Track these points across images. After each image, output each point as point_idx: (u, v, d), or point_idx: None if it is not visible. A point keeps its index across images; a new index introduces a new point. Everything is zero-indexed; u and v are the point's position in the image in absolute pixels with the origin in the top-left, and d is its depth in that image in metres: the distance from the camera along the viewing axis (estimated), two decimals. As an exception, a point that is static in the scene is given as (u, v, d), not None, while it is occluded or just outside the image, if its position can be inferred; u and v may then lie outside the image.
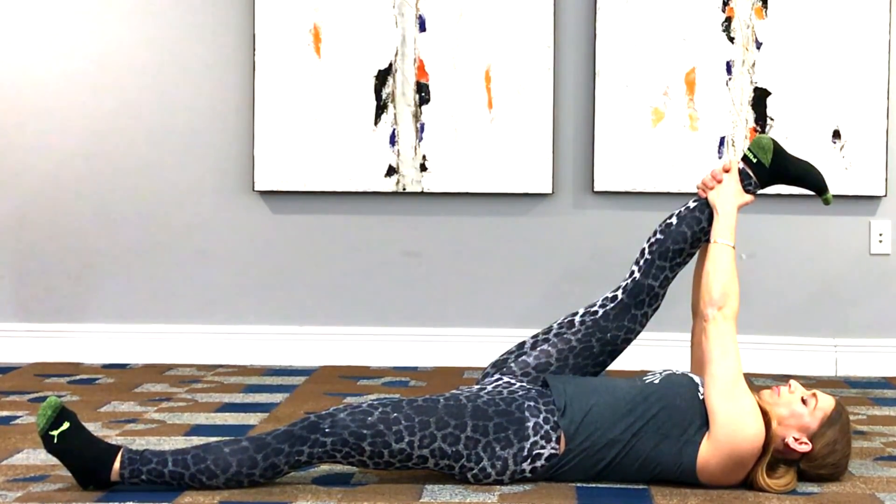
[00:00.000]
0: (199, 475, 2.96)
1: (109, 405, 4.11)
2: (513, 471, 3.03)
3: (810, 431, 3.04)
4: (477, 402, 3.06)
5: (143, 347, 5.06)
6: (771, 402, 3.06)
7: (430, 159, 4.95)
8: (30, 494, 2.95)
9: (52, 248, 5.10)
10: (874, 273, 4.95)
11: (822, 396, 3.08)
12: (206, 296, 5.08)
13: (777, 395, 3.07)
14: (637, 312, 3.27)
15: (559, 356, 3.26)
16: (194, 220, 5.08)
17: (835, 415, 3.05)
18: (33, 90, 5.08)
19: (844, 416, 3.08)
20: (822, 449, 3.05)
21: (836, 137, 4.87)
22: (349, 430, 2.98)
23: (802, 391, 3.09)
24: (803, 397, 3.07)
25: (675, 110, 4.89)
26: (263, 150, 4.98)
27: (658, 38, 4.90)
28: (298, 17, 4.96)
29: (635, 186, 4.92)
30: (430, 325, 5.05)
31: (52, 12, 5.06)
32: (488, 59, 4.93)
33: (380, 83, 4.96)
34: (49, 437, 2.93)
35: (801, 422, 3.03)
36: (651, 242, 3.31)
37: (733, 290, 3.15)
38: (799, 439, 3.03)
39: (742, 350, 3.22)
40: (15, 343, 5.08)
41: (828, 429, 3.04)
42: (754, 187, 3.32)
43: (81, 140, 5.08)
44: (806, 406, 3.05)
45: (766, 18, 4.87)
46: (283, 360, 5.04)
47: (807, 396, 3.07)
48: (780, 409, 3.04)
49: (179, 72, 5.05)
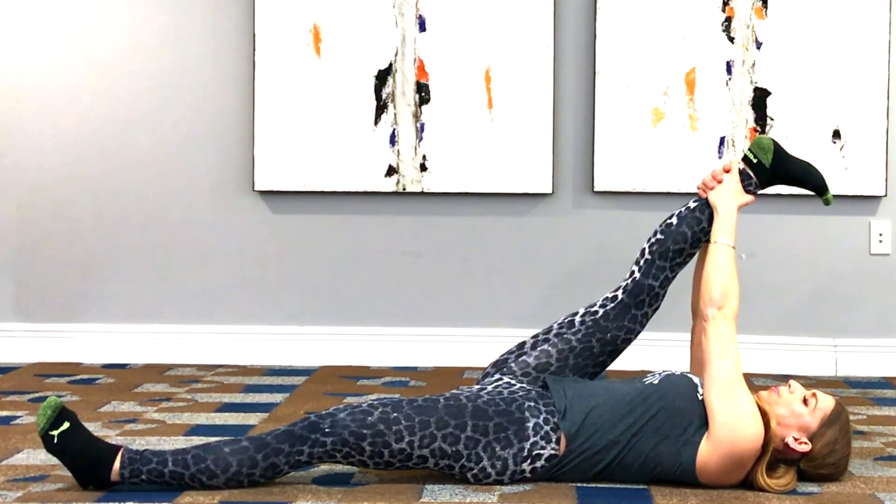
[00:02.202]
0: (199, 475, 2.96)
1: (109, 405, 4.11)
2: (513, 471, 3.04)
3: (810, 431, 3.04)
4: (477, 402, 3.06)
5: (143, 347, 5.06)
6: (770, 402, 3.06)
7: (430, 159, 4.95)
8: (30, 494, 2.95)
9: (52, 248, 5.10)
10: (874, 273, 4.95)
11: (821, 396, 3.08)
12: (206, 296, 5.08)
13: (777, 395, 3.07)
14: (637, 312, 3.28)
15: (559, 356, 3.26)
16: (194, 220, 5.08)
17: (834, 414, 3.05)
18: (33, 91, 5.08)
19: (844, 416, 3.08)
20: (823, 449, 3.05)
21: (836, 137, 4.87)
22: (349, 429, 2.98)
23: (802, 391, 3.09)
24: (804, 397, 3.07)
25: (675, 110, 4.89)
26: (263, 150, 4.98)
27: (658, 38, 4.90)
28: (298, 17, 4.96)
29: (635, 186, 4.92)
30: (430, 325, 5.05)
31: (53, 13, 5.06)
32: (488, 59, 4.93)
33: (380, 83, 4.96)
34: (49, 437, 2.93)
35: (800, 421, 3.04)
36: (651, 242, 3.31)
37: (733, 290, 3.15)
38: (799, 439, 3.03)
39: (742, 350, 3.22)
40: (15, 343, 5.08)
41: (828, 428, 3.04)
42: (754, 187, 3.32)
43: (81, 140, 5.08)
44: (806, 406, 3.05)
45: (766, 18, 4.87)
46: (283, 360, 5.04)
47: (807, 396, 3.07)
48: (780, 409, 3.04)
49: (179, 72, 5.05)
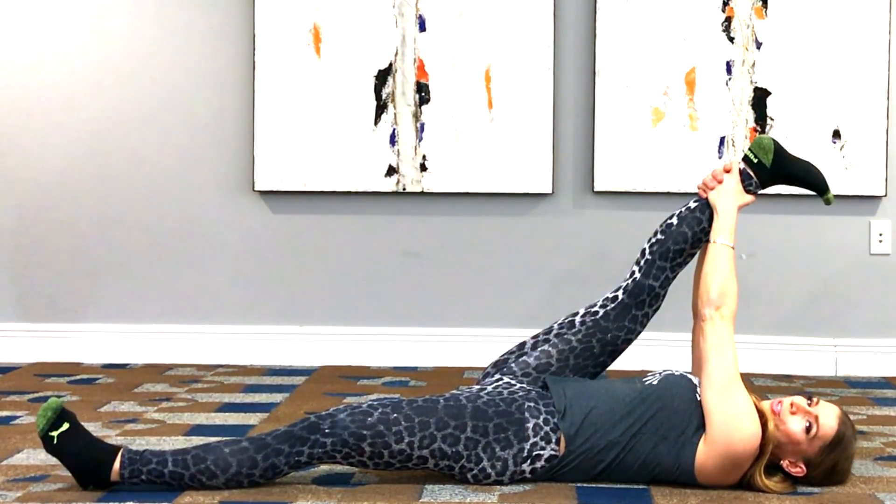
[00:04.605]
0: (199, 475, 2.96)
1: (109, 405, 4.11)
2: (512, 471, 3.03)
3: (807, 456, 3.01)
4: (477, 403, 3.06)
5: (143, 347, 5.06)
6: (771, 418, 3.00)
7: (430, 159, 4.95)
8: (30, 494, 2.95)
9: (52, 248, 5.10)
10: (874, 273, 4.95)
11: (823, 422, 2.98)
12: (206, 296, 5.08)
13: (779, 415, 3.00)
14: (638, 313, 3.27)
15: (560, 356, 3.26)
16: (194, 220, 5.08)
17: (835, 441, 2.99)
18: (33, 91, 5.08)
19: (846, 438, 3.01)
20: (820, 474, 3.02)
21: (836, 137, 4.87)
22: (349, 430, 2.98)
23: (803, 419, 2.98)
24: (807, 424, 2.98)
25: (675, 110, 4.89)
26: (263, 150, 4.98)
27: (658, 38, 4.90)
28: (298, 17, 4.96)
29: (635, 186, 4.92)
30: (430, 325, 5.04)
31: (53, 14, 5.05)
32: (488, 58, 4.93)
33: (380, 83, 4.96)
34: (49, 438, 2.93)
35: (797, 448, 2.99)
36: (651, 243, 3.31)
37: (732, 291, 3.14)
38: (794, 463, 3.00)
39: (742, 350, 3.22)
40: (15, 343, 5.08)
41: (827, 455, 3.00)
42: (755, 187, 3.32)
43: (81, 140, 5.08)
44: (807, 434, 2.98)
45: (766, 18, 4.87)
46: (283, 360, 5.03)
47: (810, 422, 2.98)
48: (778, 433, 2.98)
49: (179, 72, 5.05)
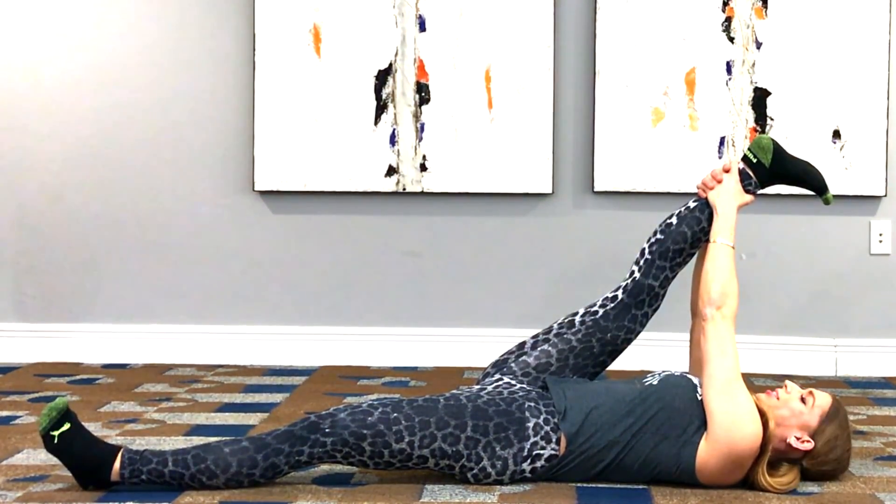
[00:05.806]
0: (199, 475, 2.96)
1: (109, 405, 4.11)
2: (513, 471, 3.03)
3: (811, 429, 3.04)
4: (477, 403, 3.06)
5: (143, 347, 5.06)
6: (770, 404, 3.06)
7: (430, 159, 4.95)
8: (30, 494, 2.96)
9: (52, 248, 5.10)
10: (874, 273, 4.95)
11: (818, 394, 3.09)
12: (206, 296, 5.08)
13: (776, 399, 3.07)
14: (637, 312, 3.28)
15: (559, 356, 3.26)
16: (194, 220, 5.08)
17: (833, 411, 3.06)
18: (33, 91, 5.08)
19: (842, 412, 3.09)
20: (824, 446, 3.05)
21: (836, 137, 4.87)
22: (349, 430, 2.98)
23: (799, 390, 3.10)
24: (801, 396, 3.08)
25: (675, 110, 4.89)
26: (263, 150, 4.98)
27: (658, 38, 4.90)
28: (298, 17, 4.96)
29: (635, 186, 4.92)
30: (430, 325, 5.04)
31: (53, 14, 5.06)
32: (488, 59, 4.93)
33: (380, 83, 4.96)
34: (49, 437, 2.93)
35: (801, 420, 3.04)
36: (651, 242, 3.31)
37: (732, 290, 3.15)
38: (801, 438, 3.03)
39: (742, 350, 3.22)
40: (15, 343, 5.08)
41: (828, 425, 3.05)
42: (754, 187, 3.32)
43: (81, 140, 5.08)
44: (804, 404, 3.06)
45: (766, 18, 4.87)
46: (283, 360, 5.03)
47: (804, 395, 3.08)
48: (781, 410, 3.05)
49: (179, 72, 5.05)
